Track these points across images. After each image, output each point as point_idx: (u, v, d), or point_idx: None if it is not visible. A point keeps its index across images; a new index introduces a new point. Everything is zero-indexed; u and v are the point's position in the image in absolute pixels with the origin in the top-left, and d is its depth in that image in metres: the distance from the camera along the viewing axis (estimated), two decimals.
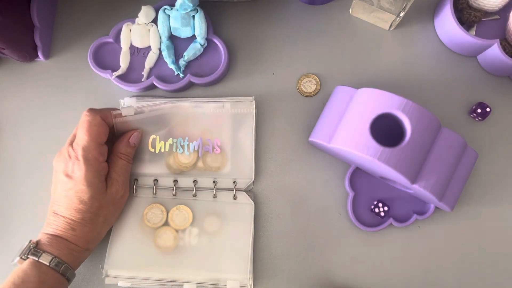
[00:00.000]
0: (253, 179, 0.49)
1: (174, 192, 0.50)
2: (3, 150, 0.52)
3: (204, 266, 0.48)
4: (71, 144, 0.45)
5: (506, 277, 0.49)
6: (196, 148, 0.49)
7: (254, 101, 0.50)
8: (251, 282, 0.48)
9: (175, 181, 0.50)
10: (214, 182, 0.50)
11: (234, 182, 0.50)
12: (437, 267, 0.49)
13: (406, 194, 0.50)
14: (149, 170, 0.50)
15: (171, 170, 0.50)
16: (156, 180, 0.50)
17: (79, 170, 0.43)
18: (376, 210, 0.49)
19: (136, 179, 0.50)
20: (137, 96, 0.51)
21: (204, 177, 0.50)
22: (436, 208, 0.49)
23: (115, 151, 0.47)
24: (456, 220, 0.50)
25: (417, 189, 0.44)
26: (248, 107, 0.50)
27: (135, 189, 0.50)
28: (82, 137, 0.44)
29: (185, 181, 0.50)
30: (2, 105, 0.52)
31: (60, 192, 0.44)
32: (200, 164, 0.50)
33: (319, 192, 0.50)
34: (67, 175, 0.44)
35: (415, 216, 0.49)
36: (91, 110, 0.45)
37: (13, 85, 0.53)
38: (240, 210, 0.49)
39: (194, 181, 0.50)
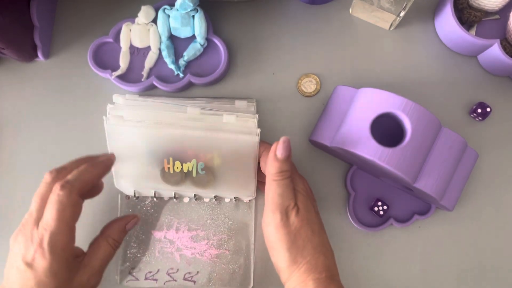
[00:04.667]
0: (254, 196, 0.49)
1: (174, 199, 0.49)
2: (3, 150, 0.52)
3: (207, 269, 0.48)
4: (37, 223, 0.38)
5: (506, 277, 0.49)
6: (190, 169, 0.47)
7: (258, 133, 0.46)
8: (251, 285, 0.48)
9: (175, 194, 0.49)
10: (215, 197, 0.49)
11: (235, 199, 0.49)
12: (437, 267, 0.49)
13: (406, 195, 0.50)
14: (147, 182, 0.48)
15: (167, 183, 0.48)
16: (155, 193, 0.49)
17: (42, 260, 0.37)
18: (376, 208, 0.49)
19: (134, 191, 0.49)
20: (138, 95, 0.51)
21: (204, 193, 0.49)
22: (437, 208, 0.49)
23: (105, 234, 0.42)
24: (456, 220, 0.50)
25: (418, 189, 0.44)
26: (252, 137, 0.45)
27: (136, 197, 0.49)
28: (50, 221, 0.37)
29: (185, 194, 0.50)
30: (1, 105, 0.52)
31: (14, 281, 0.38)
32: (188, 182, 0.48)
33: (319, 192, 0.50)
34: (27, 263, 0.37)
35: (415, 217, 0.49)
36: (65, 187, 0.38)
37: (13, 85, 0.53)
38: (241, 216, 0.49)
39: (194, 196, 0.49)
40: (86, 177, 0.40)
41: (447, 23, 0.50)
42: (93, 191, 0.44)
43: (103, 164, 0.42)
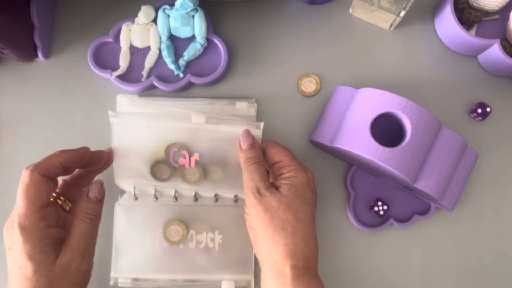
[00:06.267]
0: None
1: (174, 198, 0.49)
2: (3, 150, 0.52)
3: (207, 268, 0.49)
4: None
5: (506, 277, 0.49)
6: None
7: (262, 128, 0.46)
8: (252, 283, 0.48)
9: (175, 193, 0.49)
10: (215, 196, 0.49)
11: (235, 197, 0.49)
12: (437, 267, 0.49)
13: (406, 195, 0.50)
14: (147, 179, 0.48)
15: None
16: (155, 191, 0.49)
17: (16, 242, 0.37)
18: (376, 208, 0.49)
19: (134, 187, 0.49)
20: (137, 95, 0.51)
21: (205, 192, 0.49)
22: (437, 208, 0.49)
23: (75, 212, 0.41)
24: (456, 220, 0.50)
25: (418, 189, 0.44)
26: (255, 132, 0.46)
27: (136, 196, 0.49)
28: (18, 202, 0.38)
29: (186, 192, 0.50)
30: (1, 105, 0.52)
31: (8, 268, 0.39)
32: (178, 176, 0.48)
33: (319, 192, 0.50)
34: (8, 248, 0.38)
35: (415, 217, 0.49)
36: (29, 168, 0.39)
37: (13, 84, 0.53)
38: (241, 213, 0.49)
39: (195, 195, 0.49)
40: (51, 159, 0.40)
41: (447, 23, 0.50)
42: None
43: (74, 151, 0.42)
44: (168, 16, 0.50)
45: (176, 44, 0.51)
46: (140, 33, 0.50)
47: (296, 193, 0.42)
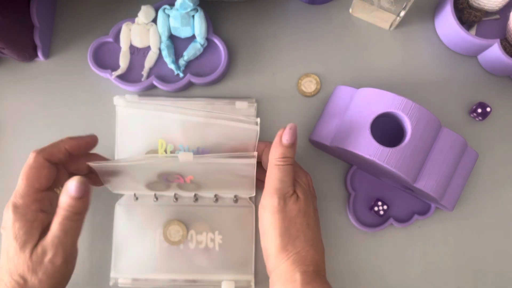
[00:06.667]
0: (253, 194, 0.49)
1: (174, 198, 0.49)
2: (3, 150, 0.52)
3: (207, 268, 0.49)
4: None
5: (506, 278, 0.49)
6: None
7: (257, 130, 0.46)
8: (253, 284, 0.48)
9: (175, 194, 0.49)
10: (215, 196, 0.49)
11: (235, 197, 0.49)
12: (437, 267, 0.49)
13: (406, 195, 0.50)
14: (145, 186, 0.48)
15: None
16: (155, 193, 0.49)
17: (8, 220, 0.38)
18: (376, 208, 0.49)
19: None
20: (137, 95, 0.51)
21: (205, 193, 0.49)
22: (437, 208, 0.49)
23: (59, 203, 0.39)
24: (456, 220, 0.50)
25: (418, 189, 0.44)
26: (250, 134, 0.46)
27: (136, 196, 0.49)
28: (18, 182, 0.39)
29: (185, 193, 0.50)
30: (1, 105, 0.52)
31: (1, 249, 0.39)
32: (175, 188, 0.48)
33: (319, 192, 0.50)
34: (2, 227, 0.39)
35: (415, 217, 0.49)
36: (35, 151, 0.39)
37: (13, 84, 0.53)
38: (241, 213, 0.49)
39: (195, 195, 0.49)
40: (58, 144, 0.41)
41: (447, 23, 0.50)
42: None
43: (81, 137, 0.42)
44: (168, 16, 0.50)
45: (176, 44, 0.51)
46: (140, 33, 0.50)
47: (307, 199, 0.42)
